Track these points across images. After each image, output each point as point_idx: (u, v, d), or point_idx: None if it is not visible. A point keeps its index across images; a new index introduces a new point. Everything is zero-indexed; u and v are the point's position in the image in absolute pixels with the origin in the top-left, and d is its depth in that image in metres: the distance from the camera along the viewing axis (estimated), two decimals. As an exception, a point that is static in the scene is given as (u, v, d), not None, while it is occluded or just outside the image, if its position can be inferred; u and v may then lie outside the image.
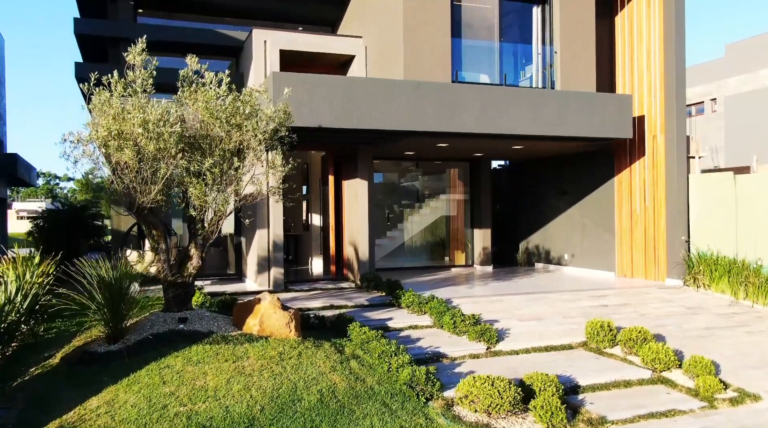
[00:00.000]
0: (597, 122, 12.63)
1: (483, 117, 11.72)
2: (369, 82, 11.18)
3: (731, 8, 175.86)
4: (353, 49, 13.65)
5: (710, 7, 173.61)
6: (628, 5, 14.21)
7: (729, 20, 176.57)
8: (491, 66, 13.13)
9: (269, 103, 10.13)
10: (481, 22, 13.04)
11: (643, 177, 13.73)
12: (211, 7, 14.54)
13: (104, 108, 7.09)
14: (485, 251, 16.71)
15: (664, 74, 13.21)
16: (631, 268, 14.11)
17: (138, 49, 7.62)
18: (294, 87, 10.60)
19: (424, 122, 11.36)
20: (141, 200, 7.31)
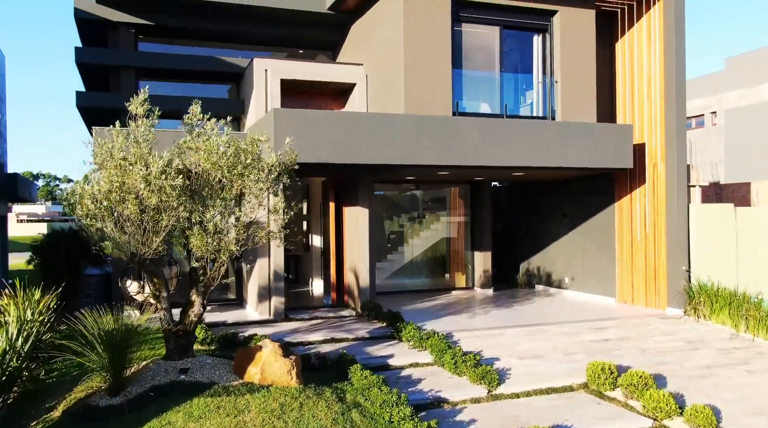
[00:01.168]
0: (597, 152, 12.64)
1: (484, 150, 11.73)
2: (370, 117, 11.19)
3: (731, 21, 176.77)
4: (354, 77, 13.67)
5: (710, 20, 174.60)
6: (629, 32, 14.23)
7: (729, 33, 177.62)
8: (492, 95, 13.15)
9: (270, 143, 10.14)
10: (481, 51, 13.05)
11: (644, 205, 13.74)
12: (212, 34, 14.56)
13: (106, 161, 7.09)
14: (486, 273, 16.72)
15: (665, 104, 13.22)
16: (632, 295, 14.12)
17: (140, 100, 7.62)
18: (294, 122, 10.63)
19: (425, 156, 11.37)
20: (142, 251, 7.31)
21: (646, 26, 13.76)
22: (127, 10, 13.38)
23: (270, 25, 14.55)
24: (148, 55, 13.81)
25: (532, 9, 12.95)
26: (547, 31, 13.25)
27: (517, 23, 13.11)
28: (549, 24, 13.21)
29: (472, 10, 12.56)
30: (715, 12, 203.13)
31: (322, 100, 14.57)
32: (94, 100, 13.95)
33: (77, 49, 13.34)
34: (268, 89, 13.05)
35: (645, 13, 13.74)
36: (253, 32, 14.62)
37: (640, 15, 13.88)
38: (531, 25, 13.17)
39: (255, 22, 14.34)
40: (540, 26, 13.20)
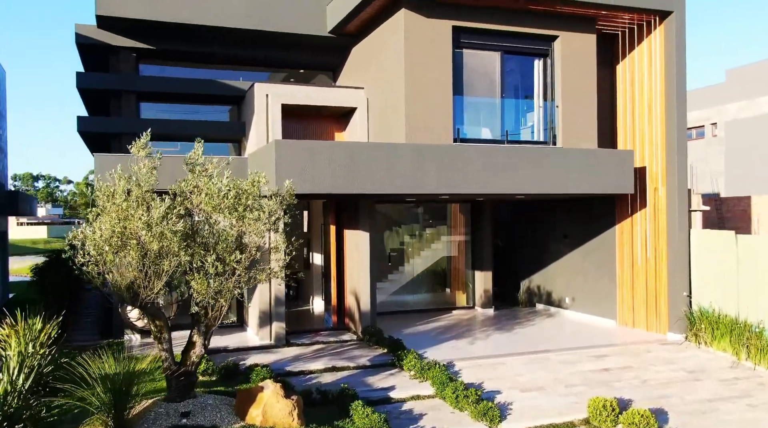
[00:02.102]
0: (598, 178, 12.65)
1: (486, 178, 11.74)
2: (371, 147, 11.19)
3: (732, 32, 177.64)
4: (355, 102, 13.67)
5: (710, 32, 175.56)
6: (629, 55, 14.23)
7: (729, 44, 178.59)
8: (493, 120, 13.15)
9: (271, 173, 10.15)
10: (482, 76, 13.05)
11: (644, 228, 13.74)
12: (213, 57, 14.57)
13: (108, 205, 7.09)
14: (486, 293, 16.72)
15: (665, 129, 13.23)
16: (632, 318, 14.11)
17: (141, 143, 7.62)
18: (295, 153, 10.64)
19: (426, 185, 11.38)
20: (144, 295, 7.31)
21: (647, 50, 13.76)
22: (128, 34, 13.39)
23: (271, 49, 14.56)
24: (148, 80, 13.81)
25: (533, 34, 12.95)
26: (548, 55, 13.25)
27: (518, 48, 13.11)
28: (550, 49, 13.21)
29: (473, 35, 12.57)
30: (716, 24, 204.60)
31: (323, 123, 14.58)
32: (95, 125, 13.98)
33: (78, 74, 13.35)
34: (269, 114, 13.05)
35: (646, 36, 13.74)
36: (253, 55, 14.62)
37: (641, 38, 13.89)
38: (532, 50, 13.18)
39: (256, 45, 14.35)
40: (541, 51, 13.20)
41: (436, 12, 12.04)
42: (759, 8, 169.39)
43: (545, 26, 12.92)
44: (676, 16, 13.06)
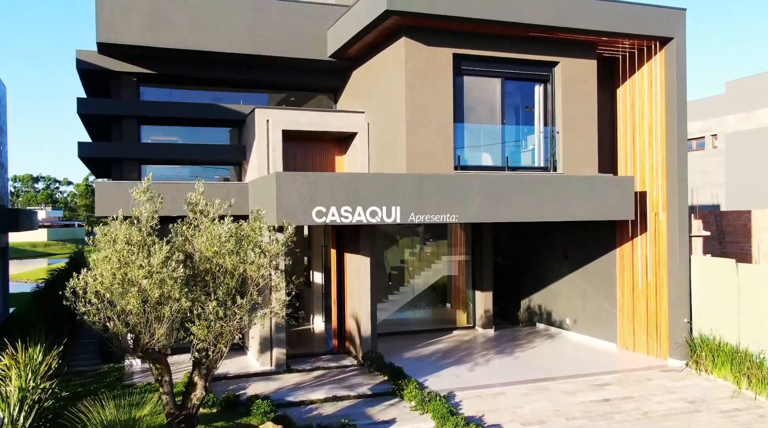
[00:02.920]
0: (599, 204, 12.66)
1: (487, 207, 11.75)
2: (372, 178, 11.20)
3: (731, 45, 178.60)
4: (355, 127, 13.68)
5: (709, 44, 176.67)
6: (630, 79, 14.23)
7: (729, 56, 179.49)
8: (494, 146, 13.15)
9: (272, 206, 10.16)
10: (483, 102, 13.06)
11: (645, 253, 13.74)
12: (214, 80, 14.57)
13: (109, 253, 7.09)
14: (487, 314, 16.72)
15: (666, 155, 13.23)
16: (633, 341, 14.12)
17: (143, 188, 7.61)
18: (296, 185, 10.64)
19: (428, 215, 11.38)
20: (145, 341, 7.32)
21: (647, 74, 13.77)
22: (129, 59, 13.39)
23: (271, 72, 14.56)
24: (149, 105, 13.82)
25: (534, 61, 12.96)
26: (549, 81, 13.26)
27: (518, 74, 13.11)
28: (550, 74, 13.22)
29: (474, 62, 12.57)
30: (715, 37, 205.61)
31: (324, 146, 14.58)
32: (95, 151, 14.00)
33: (79, 100, 13.36)
34: (270, 140, 13.06)
35: (646, 61, 13.75)
36: (254, 78, 14.63)
37: (641, 62, 13.89)
38: (532, 76, 13.18)
39: (256, 69, 14.36)
40: (541, 77, 13.21)
41: (436, 40, 12.04)
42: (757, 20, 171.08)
43: (545, 53, 12.93)
44: (677, 42, 13.07)
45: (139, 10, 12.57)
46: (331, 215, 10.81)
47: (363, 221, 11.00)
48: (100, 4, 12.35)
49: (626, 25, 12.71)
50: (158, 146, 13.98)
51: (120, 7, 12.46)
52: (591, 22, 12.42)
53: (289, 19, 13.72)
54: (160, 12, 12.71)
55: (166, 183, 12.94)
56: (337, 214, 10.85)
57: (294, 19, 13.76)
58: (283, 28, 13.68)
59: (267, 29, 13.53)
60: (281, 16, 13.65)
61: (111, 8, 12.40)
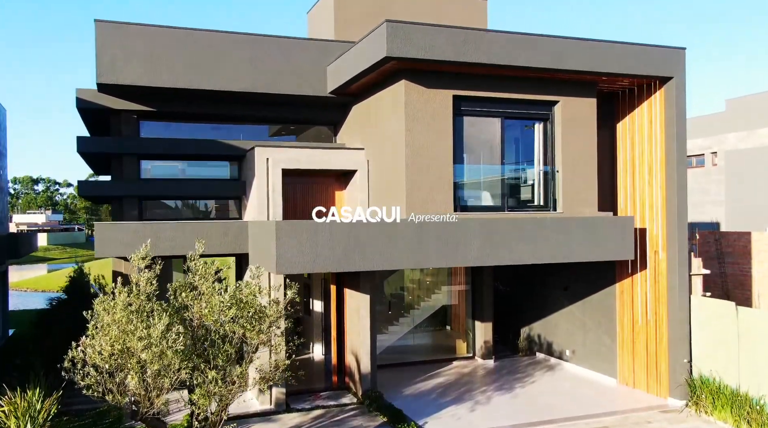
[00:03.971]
0: (599, 246, 12.67)
1: (486, 251, 11.76)
2: (372, 225, 11.18)
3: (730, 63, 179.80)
4: (355, 164, 13.68)
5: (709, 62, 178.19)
6: (630, 116, 14.23)
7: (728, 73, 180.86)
8: (494, 184, 13.14)
9: (272, 254, 10.14)
10: (483, 141, 13.07)
11: (645, 290, 13.73)
12: (214, 116, 14.58)
13: (108, 326, 7.09)
14: (486, 344, 16.72)
15: (666, 194, 13.23)
16: (633, 378, 14.10)
17: (142, 253, 7.61)
18: (296, 234, 10.64)
19: (427, 260, 11.40)
20: (145, 409, 7.31)
21: (647, 111, 13.77)
22: (128, 97, 13.39)
23: (271, 107, 14.56)
24: (148, 142, 13.82)
25: (534, 100, 12.96)
26: (549, 119, 13.25)
27: (518, 114, 13.12)
28: (550, 113, 13.22)
29: (474, 103, 12.57)
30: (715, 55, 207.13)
31: (324, 181, 14.56)
32: (94, 189, 14.01)
33: (78, 139, 13.36)
34: (270, 179, 13.06)
35: (646, 98, 13.75)
36: (254, 114, 14.65)
37: (641, 99, 13.89)
38: (532, 115, 13.19)
39: (256, 105, 14.36)
40: (541, 116, 13.21)
41: (436, 82, 12.04)
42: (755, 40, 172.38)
43: (545, 92, 12.93)
44: (676, 81, 13.08)
45: (138, 52, 12.57)
46: (331, 263, 10.80)
47: (361, 268, 11.00)
48: (101, 47, 12.35)
49: (626, 66, 12.71)
50: (158, 182, 13.98)
51: (120, 49, 12.45)
52: (591, 63, 12.42)
53: (289, 56, 13.72)
54: (159, 53, 12.71)
55: (166, 222, 12.96)
56: (336, 261, 10.84)
57: (293, 56, 13.76)
58: (283, 66, 13.67)
59: (266, 67, 13.53)
60: (280, 54, 13.64)
61: (111, 50, 12.39)
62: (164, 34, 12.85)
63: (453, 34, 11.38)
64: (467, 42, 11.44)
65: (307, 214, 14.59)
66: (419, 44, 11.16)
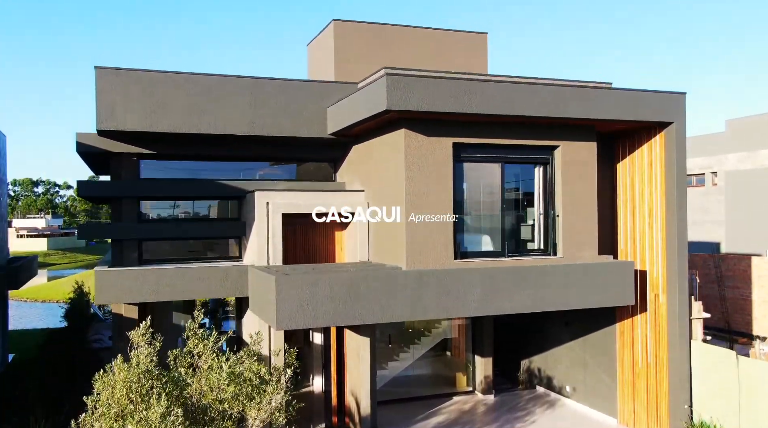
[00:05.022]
0: (599, 292, 12.68)
1: (486, 301, 11.77)
2: (372, 276, 11.18)
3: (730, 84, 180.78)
4: (355, 207, 13.66)
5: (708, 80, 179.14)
6: (630, 156, 14.22)
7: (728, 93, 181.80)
8: (494, 228, 13.13)
9: (272, 310, 10.13)
10: (483, 187, 13.07)
11: (645, 332, 13.73)
12: (214, 157, 14.58)
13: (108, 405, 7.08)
14: (487, 379, 16.72)
15: (666, 236, 13.23)
16: (633, 419, 14.09)
17: (142, 330, 7.60)
18: (296, 288, 10.65)
19: (427, 311, 11.40)
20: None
21: (647, 153, 13.76)
22: (128, 141, 13.38)
23: (271, 147, 14.57)
24: (148, 184, 13.82)
25: (534, 145, 12.95)
26: (549, 163, 13.25)
27: (518, 159, 13.12)
28: (550, 157, 13.21)
29: (474, 149, 12.57)
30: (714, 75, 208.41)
31: (325, 227, 14.50)
32: (96, 232, 14.03)
33: (79, 183, 13.37)
34: (270, 224, 13.05)
35: (646, 140, 13.75)
36: (253, 154, 14.66)
37: (641, 140, 13.89)
38: (532, 159, 13.18)
39: (256, 146, 14.36)
40: (541, 160, 13.20)
41: (436, 130, 12.03)
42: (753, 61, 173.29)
43: (545, 137, 12.93)
44: (677, 126, 13.07)
45: (138, 98, 12.56)
46: (331, 318, 10.81)
47: (361, 321, 11.00)
48: (100, 93, 12.34)
49: (626, 112, 12.71)
50: (158, 223, 13.98)
51: (120, 95, 12.45)
52: (591, 111, 12.42)
53: (289, 99, 13.71)
54: (159, 98, 12.70)
55: (166, 268, 12.98)
56: (336, 315, 10.84)
57: (293, 98, 13.75)
58: (283, 108, 13.66)
59: (266, 109, 13.52)
60: (280, 96, 13.63)
61: (111, 97, 12.39)
62: (164, 80, 12.84)
63: (453, 85, 11.38)
64: (468, 93, 11.43)
65: (308, 255, 14.64)
66: (419, 96, 11.15)
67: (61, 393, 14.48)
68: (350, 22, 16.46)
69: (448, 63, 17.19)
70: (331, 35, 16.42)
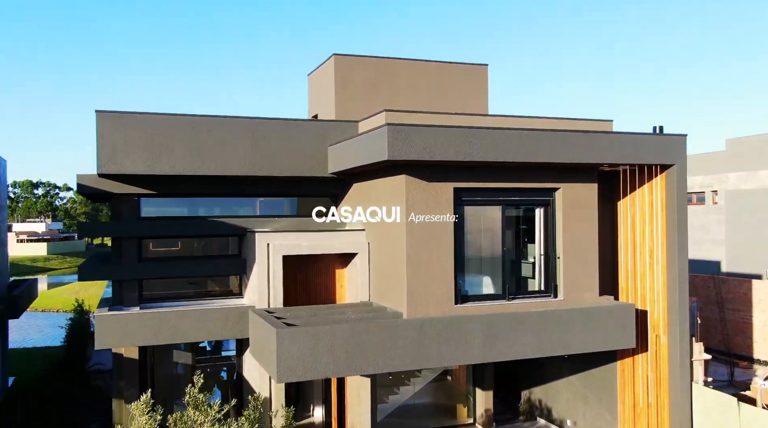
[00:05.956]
0: (599, 336, 12.68)
1: (487, 347, 11.77)
2: (372, 326, 11.17)
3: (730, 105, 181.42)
4: (356, 247, 13.67)
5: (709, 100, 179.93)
6: (631, 195, 14.21)
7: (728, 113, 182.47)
8: (495, 271, 13.12)
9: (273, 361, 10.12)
10: (483, 229, 13.06)
11: (646, 372, 13.72)
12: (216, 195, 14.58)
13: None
14: (487, 412, 16.69)
15: (667, 278, 13.23)
16: (635, 458, 14.10)
17: (141, 404, 7.59)
18: (297, 341, 10.64)
19: (428, 360, 11.39)
20: None
21: (648, 193, 13.75)
22: (130, 182, 13.38)
23: (271, 185, 14.55)
24: (149, 225, 13.80)
25: (535, 188, 12.95)
26: (549, 205, 13.24)
27: (519, 201, 13.12)
28: (551, 198, 13.20)
29: (475, 193, 12.56)
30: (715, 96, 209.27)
31: (326, 260, 14.53)
32: (96, 274, 14.02)
33: (80, 225, 13.39)
34: (270, 267, 13.07)
35: (647, 180, 13.74)
36: (254, 192, 14.66)
37: (642, 180, 13.88)
38: (533, 201, 13.18)
39: (257, 185, 14.35)
40: (542, 202, 13.19)
41: (437, 176, 12.03)
42: None
43: (546, 180, 12.93)
44: (677, 168, 13.08)
45: (139, 141, 12.55)
46: (332, 370, 10.80)
47: (362, 372, 10.99)
48: (101, 137, 12.33)
49: (628, 156, 12.73)
50: (158, 263, 13.96)
51: (120, 139, 12.43)
52: (593, 156, 12.42)
53: (290, 138, 13.70)
54: (160, 141, 12.69)
55: (167, 311, 12.98)
56: (337, 367, 10.84)
57: (294, 137, 13.74)
58: (284, 148, 13.65)
59: (267, 150, 13.50)
60: (281, 136, 13.62)
61: (112, 140, 12.38)
62: (164, 122, 12.83)
63: (454, 134, 11.37)
64: (468, 141, 11.43)
65: (309, 292, 14.64)
66: (420, 146, 11.15)
67: None
68: (351, 56, 16.45)
69: (450, 95, 17.20)
70: (332, 69, 16.42)
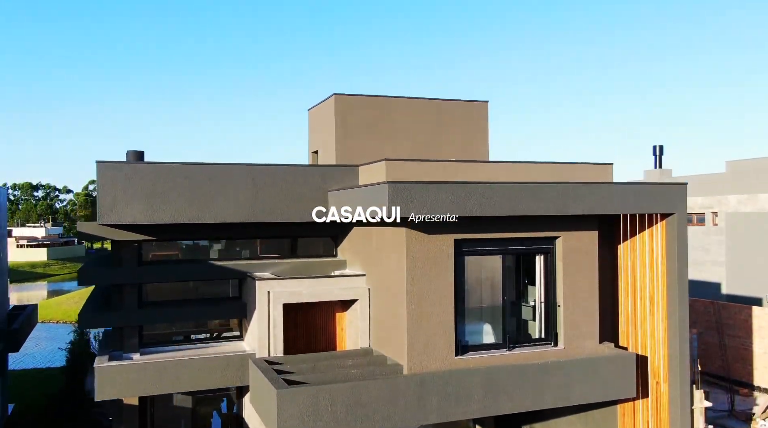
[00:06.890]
0: (600, 386, 12.70)
1: (488, 401, 11.79)
2: (372, 384, 11.17)
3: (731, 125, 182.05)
4: (356, 293, 13.68)
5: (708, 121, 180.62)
6: (631, 239, 14.21)
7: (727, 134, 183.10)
8: (495, 319, 13.13)
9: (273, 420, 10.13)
10: (484, 279, 13.06)
11: (647, 419, 13.71)
12: (214, 239, 14.60)
13: None
14: (488, 451, 16.71)
15: (668, 326, 13.24)
16: (635, 503, 14.09)
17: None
18: (298, 399, 10.65)
19: (428, 416, 11.39)
20: None
21: (648, 240, 13.75)
22: (130, 230, 13.37)
23: (272, 228, 14.56)
24: (150, 271, 13.81)
25: (535, 237, 12.95)
26: (550, 253, 13.24)
27: (519, 250, 13.11)
28: (551, 246, 13.20)
29: (475, 244, 12.56)
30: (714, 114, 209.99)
31: (327, 309, 14.49)
32: (98, 322, 14.07)
33: (80, 271, 13.39)
34: (271, 314, 13.07)
35: (648, 227, 13.74)
36: (255, 236, 14.68)
37: (642, 226, 13.88)
38: (534, 250, 13.18)
39: (257, 229, 14.36)
40: (543, 250, 13.19)
41: (437, 228, 12.01)
42: None
43: (547, 229, 12.92)
44: (678, 216, 13.08)
45: (139, 191, 12.56)
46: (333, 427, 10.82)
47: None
48: (102, 188, 12.34)
49: (628, 206, 12.75)
50: (158, 308, 13.98)
51: (121, 190, 12.44)
52: (593, 207, 12.43)
53: (290, 184, 13.70)
54: (160, 190, 12.69)
55: (167, 360, 12.98)
56: (338, 425, 10.84)
57: (294, 183, 13.74)
58: (284, 193, 13.65)
59: (267, 196, 13.50)
60: (281, 182, 13.62)
61: (112, 191, 12.38)
62: (165, 171, 12.84)
63: (455, 190, 11.38)
64: (468, 197, 11.43)
65: (310, 335, 14.63)
66: (421, 202, 11.15)
67: None
68: (350, 95, 16.47)
69: (450, 133, 17.22)
70: (332, 109, 16.43)
